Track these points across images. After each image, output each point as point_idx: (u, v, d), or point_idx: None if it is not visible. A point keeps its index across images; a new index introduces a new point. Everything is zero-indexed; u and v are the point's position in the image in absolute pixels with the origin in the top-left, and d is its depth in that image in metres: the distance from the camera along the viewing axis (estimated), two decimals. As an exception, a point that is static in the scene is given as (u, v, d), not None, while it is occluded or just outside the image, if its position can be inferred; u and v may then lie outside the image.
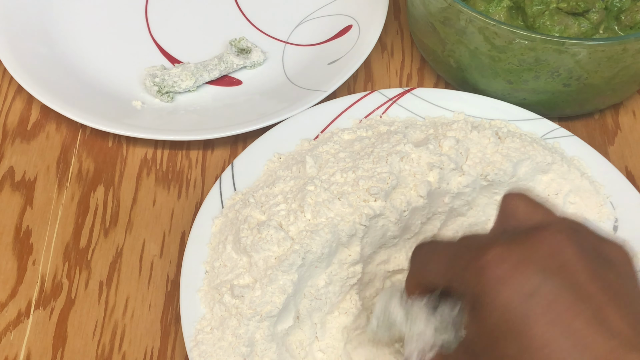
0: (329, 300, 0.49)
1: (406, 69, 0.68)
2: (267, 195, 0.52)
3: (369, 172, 0.50)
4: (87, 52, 0.67)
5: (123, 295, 0.55)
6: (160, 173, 0.61)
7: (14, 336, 0.53)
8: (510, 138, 0.54)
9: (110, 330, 0.53)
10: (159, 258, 0.56)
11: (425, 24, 0.63)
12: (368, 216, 0.49)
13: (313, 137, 0.59)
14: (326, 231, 0.48)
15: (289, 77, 0.66)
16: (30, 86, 0.62)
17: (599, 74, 0.57)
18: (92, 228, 0.58)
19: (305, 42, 0.69)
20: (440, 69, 0.66)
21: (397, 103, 0.61)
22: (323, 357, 0.49)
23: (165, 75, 0.64)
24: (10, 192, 0.60)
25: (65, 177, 0.61)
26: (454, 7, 0.57)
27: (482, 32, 0.57)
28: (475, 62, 0.60)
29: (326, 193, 0.50)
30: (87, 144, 0.63)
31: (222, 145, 0.63)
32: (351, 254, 0.49)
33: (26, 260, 0.56)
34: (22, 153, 0.62)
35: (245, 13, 0.71)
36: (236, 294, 0.48)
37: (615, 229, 0.54)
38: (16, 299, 0.54)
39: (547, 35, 0.55)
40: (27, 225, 0.58)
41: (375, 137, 0.55)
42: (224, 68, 0.66)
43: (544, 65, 0.57)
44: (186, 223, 0.58)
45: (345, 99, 0.61)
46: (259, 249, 0.49)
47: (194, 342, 0.48)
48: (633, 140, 0.64)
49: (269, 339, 0.47)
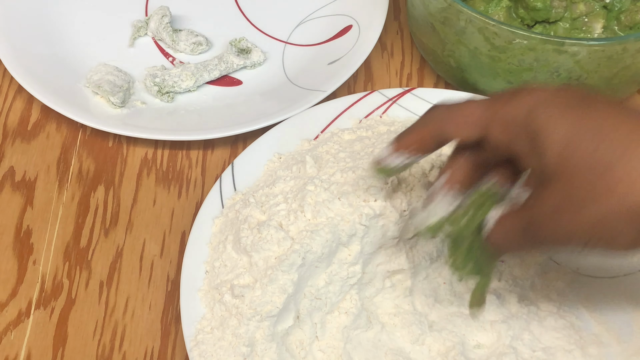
0: (329, 300, 0.49)
1: (406, 69, 0.68)
2: (267, 195, 0.52)
3: (369, 172, 0.50)
4: (87, 52, 0.67)
5: (123, 295, 0.55)
6: (160, 173, 0.61)
7: (15, 336, 0.53)
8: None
9: (111, 330, 0.53)
10: (159, 258, 0.57)
11: (425, 24, 0.63)
12: (368, 216, 0.49)
13: (313, 137, 0.59)
14: (326, 231, 0.48)
15: (289, 77, 0.66)
16: (31, 86, 0.62)
17: (599, 74, 0.57)
18: (93, 228, 0.58)
19: (305, 42, 0.69)
20: (440, 69, 0.66)
21: (397, 103, 0.61)
22: (323, 357, 0.49)
23: (166, 75, 0.64)
24: (10, 192, 0.60)
25: (65, 177, 0.61)
26: (453, 7, 0.57)
27: (482, 32, 0.57)
28: (475, 62, 0.60)
29: (326, 193, 0.50)
30: (87, 144, 0.63)
31: (222, 145, 0.63)
32: (351, 254, 0.49)
33: (26, 260, 0.56)
34: (23, 153, 0.62)
35: (245, 13, 0.71)
36: (236, 293, 0.48)
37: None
38: (16, 298, 0.54)
39: (547, 36, 0.55)
40: (28, 225, 0.58)
41: (375, 137, 0.55)
42: (224, 68, 0.66)
43: (543, 65, 0.57)
44: (186, 223, 0.58)
45: (345, 99, 0.61)
46: (259, 249, 0.49)
47: (194, 342, 0.48)
48: (633, 140, 0.63)
49: (269, 339, 0.47)
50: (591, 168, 0.36)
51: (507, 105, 0.39)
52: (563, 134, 0.37)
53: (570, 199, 0.36)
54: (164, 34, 0.67)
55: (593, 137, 0.36)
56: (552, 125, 0.37)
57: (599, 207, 0.36)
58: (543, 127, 0.37)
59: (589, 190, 0.36)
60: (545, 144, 0.37)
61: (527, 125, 0.38)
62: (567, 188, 0.37)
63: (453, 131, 0.41)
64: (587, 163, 0.36)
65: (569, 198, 0.36)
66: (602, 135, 0.36)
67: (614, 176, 0.35)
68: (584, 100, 0.37)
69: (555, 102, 0.38)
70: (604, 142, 0.36)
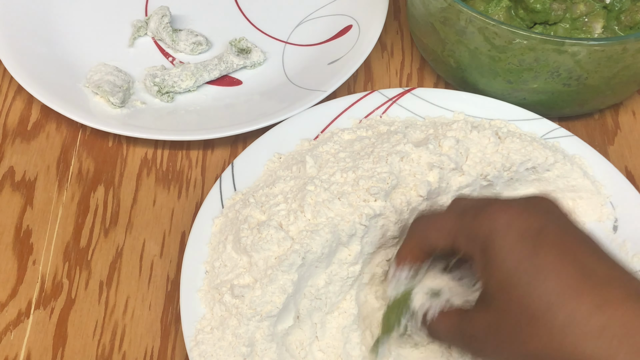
0: (329, 300, 0.49)
1: (406, 69, 0.68)
2: (267, 195, 0.52)
3: (369, 172, 0.50)
4: (87, 52, 0.67)
5: (123, 295, 0.55)
6: (160, 173, 0.61)
7: (14, 336, 0.53)
8: (510, 138, 0.54)
9: (111, 330, 0.53)
10: (159, 258, 0.56)
11: (425, 24, 0.63)
12: (368, 216, 0.49)
13: (313, 137, 0.59)
14: (326, 231, 0.48)
15: (289, 77, 0.66)
16: (30, 86, 0.62)
17: (599, 74, 0.57)
18: (92, 228, 0.58)
19: (305, 42, 0.69)
20: (440, 69, 0.66)
21: (397, 103, 0.61)
22: (323, 357, 0.49)
23: (166, 75, 0.64)
24: (10, 192, 0.60)
25: (65, 177, 0.61)
26: (453, 7, 0.57)
27: (482, 32, 0.57)
28: (475, 62, 0.60)
29: (326, 193, 0.50)
30: (87, 144, 0.63)
31: (222, 145, 0.63)
32: (351, 254, 0.49)
33: (26, 260, 0.56)
34: (22, 153, 0.62)
35: (245, 13, 0.71)
36: (236, 293, 0.48)
37: (615, 229, 0.54)
38: (16, 298, 0.54)
39: (547, 35, 0.55)
40: (27, 225, 0.58)
41: (375, 137, 0.55)
42: (224, 68, 0.66)
43: (543, 65, 0.57)
44: (186, 223, 0.58)
45: (345, 99, 0.61)
46: (259, 249, 0.49)
47: (194, 342, 0.48)
48: (633, 140, 0.64)
49: (269, 339, 0.47)
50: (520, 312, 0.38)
51: (473, 222, 0.42)
52: (508, 267, 0.39)
53: (496, 332, 0.39)
54: (163, 33, 0.67)
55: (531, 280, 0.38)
56: (500, 256, 0.39)
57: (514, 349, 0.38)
58: (494, 255, 0.40)
59: (512, 331, 0.39)
60: (492, 269, 0.40)
61: (484, 247, 0.40)
62: (497, 320, 0.39)
63: (433, 242, 0.45)
64: (519, 303, 0.38)
65: (495, 330, 0.39)
66: (538, 282, 0.38)
67: (535, 326, 0.37)
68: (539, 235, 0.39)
69: (511, 231, 0.39)
70: (538, 289, 0.38)
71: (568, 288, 0.37)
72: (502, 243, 0.39)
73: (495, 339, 0.40)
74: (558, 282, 0.37)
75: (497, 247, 0.39)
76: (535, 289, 0.37)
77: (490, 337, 0.40)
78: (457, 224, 0.43)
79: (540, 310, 0.37)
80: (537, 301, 0.37)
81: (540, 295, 0.37)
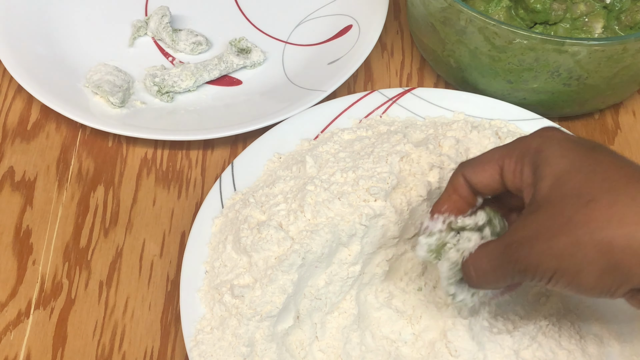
0: (329, 300, 0.49)
1: (406, 68, 0.68)
2: (267, 195, 0.52)
3: (369, 172, 0.50)
4: (87, 52, 0.67)
5: (123, 295, 0.55)
6: (160, 173, 0.61)
7: (14, 336, 0.53)
8: (510, 138, 0.54)
9: (110, 330, 0.53)
10: (159, 258, 0.56)
11: (425, 24, 0.63)
12: (368, 216, 0.49)
13: (313, 137, 0.59)
14: (326, 231, 0.48)
15: (289, 77, 0.66)
16: (30, 86, 0.62)
17: (599, 73, 0.57)
18: (92, 228, 0.58)
19: (305, 42, 0.69)
20: (440, 69, 0.66)
21: (397, 103, 0.61)
22: (323, 357, 0.49)
23: (165, 75, 0.64)
24: (10, 192, 0.60)
25: (65, 177, 0.61)
26: (454, 7, 0.57)
27: (482, 32, 0.57)
28: (475, 62, 0.60)
29: (326, 193, 0.50)
30: (87, 144, 0.63)
31: (222, 145, 0.63)
32: (351, 254, 0.49)
33: (26, 260, 0.56)
34: (22, 153, 0.62)
35: (245, 13, 0.71)
36: (236, 293, 0.48)
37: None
38: (16, 299, 0.54)
39: (547, 35, 0.55)
40: (27, 225, 0.58)
41: (375, 137, 0.55)
42: (224, 68, 0.66)
43: (544, 65, 0.57)
44: (186, 223, 0.58)
45: (345, 99, 0.61)
46: (259, 249, 0.49)
47: (194, 342, 0.48)
48: (633, 140, 0.64)
49: (269, 339, 0.47)
50: (575, 199, 0.38)
51: (522, 142, 0.42)
52: (560, 167, 0.39)
53: (548, 226, 0.38)
54: (163, 33, 0.67)
55: (586, 173, 0.38)
56: (552, 160, 0.40)
57: (570, 236, 0.37)
58: (545, 160, 0.40)
59: (567, 219, 0.38)
60: (543, 174, 0.40)
61: (533, 158, 0.40)
62: (548, 215, 0.39)
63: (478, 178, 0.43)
64: (573, 194, 0.38)
65: (547, 225, 0.38)
66: (594, 173, 0.38)
67: (594, 208, 0.37)
68: (588, 143, 0.40)
69: (562, 141, 0.40)
70: (593, 179, 0.38)
71: (630, 177, 0.38)
72: (555, 149, 0.40)
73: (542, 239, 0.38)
74: (618, 170, 0.38)
75: (548, 154, 0.40)
76: (597, 175, 0.38)
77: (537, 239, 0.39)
78: (506, 149, 0.43)
79: (602, 191, 0.37)
80: (598, 185, 0.38)
81: (602, 180, 0.38)
